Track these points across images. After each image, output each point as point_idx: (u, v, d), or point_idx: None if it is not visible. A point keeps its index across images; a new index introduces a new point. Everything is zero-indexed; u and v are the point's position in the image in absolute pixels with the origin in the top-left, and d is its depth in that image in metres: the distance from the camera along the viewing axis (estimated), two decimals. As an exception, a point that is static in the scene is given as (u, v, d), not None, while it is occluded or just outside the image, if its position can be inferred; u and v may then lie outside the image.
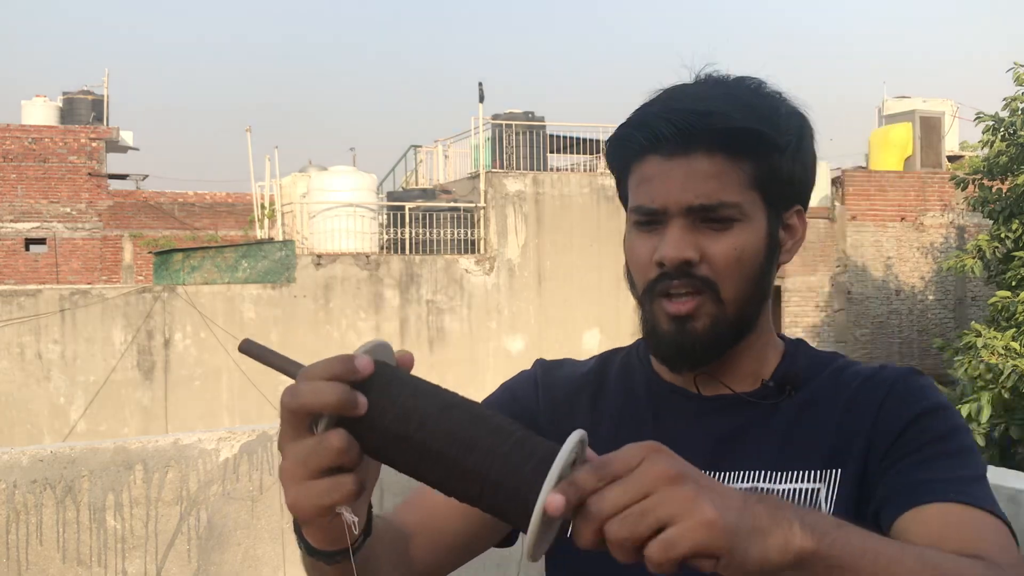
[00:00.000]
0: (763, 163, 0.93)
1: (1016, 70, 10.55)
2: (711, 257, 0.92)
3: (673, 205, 0.91)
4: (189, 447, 2.56)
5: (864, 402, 0.95)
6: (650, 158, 0.93)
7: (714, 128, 0.90)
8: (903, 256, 16.97)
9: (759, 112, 0.94)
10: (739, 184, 0.92)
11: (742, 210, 0.92)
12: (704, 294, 0.92)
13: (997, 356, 8.47)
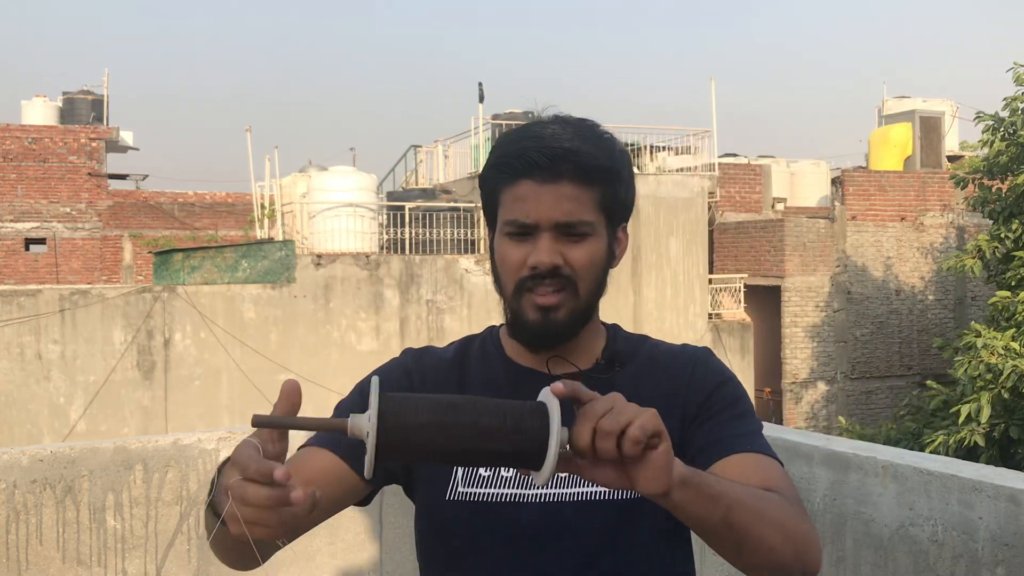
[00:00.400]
0: (608, 190, 1.18)
1: (1016, 70, 10.54)
2: (572, 262, 1.16)
3: (544, 220, 1.15)
4: (189, 447, 2.56)
5: (677, 375, 1.24)
6: (524, 182, 1.15)
7: (578, 162, 1.14)
8: (903, 256, 16.97)
9: (605, 150, 1.18)
10: (591, 206, 1.16)
11: (593, 226, 1.17)
12: (566, 290, 1.17)
13: (997, 356, 8.46)
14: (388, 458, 0.89)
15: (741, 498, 1.02)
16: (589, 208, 1.16)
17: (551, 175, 1.14)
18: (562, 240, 1.16)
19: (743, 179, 18.38)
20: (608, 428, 0.89)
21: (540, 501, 1.17)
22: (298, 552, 2.66)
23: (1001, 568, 1.82)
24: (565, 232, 1.15)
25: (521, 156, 1.15)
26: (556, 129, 1.17)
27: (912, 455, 2.11)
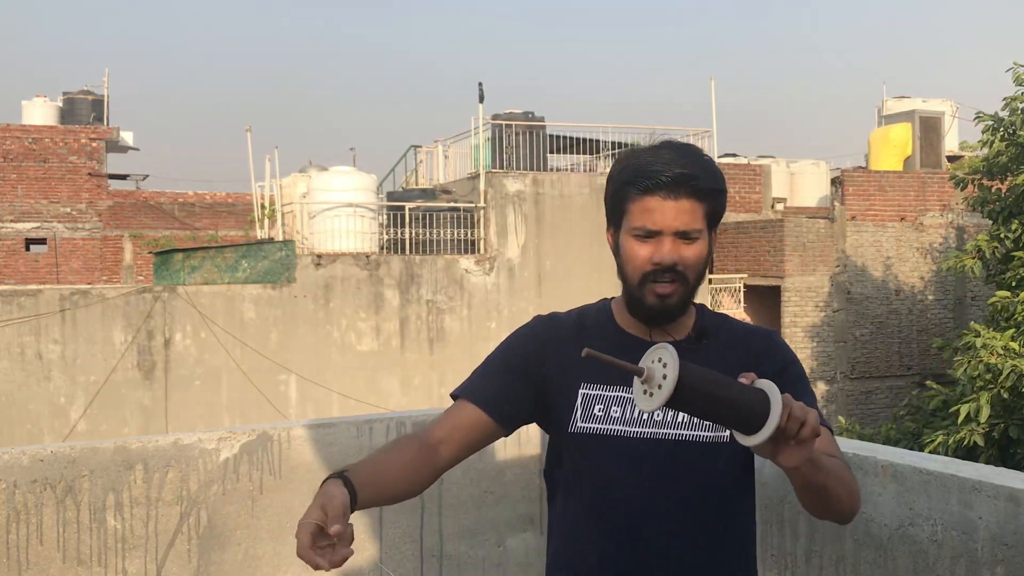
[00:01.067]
0: (713, 205, 1.52)
1: (1016, 70, 10.53)
2: (685, 260, 1.50)
3: (667, 228, 1.49)
4: (189, 447, 2.56)
5: (756, 350, 1.58)
6: (652, 197, 1.49)
7: (695, 184, 1.48)
8: (903, 256, 16.97)
9: (712, 173, 1.51)
10: (701, 218, 1.50)
11: (701, 232, 1.51)
12: (679, 282, 1.52)
13: (996, 356, 8.46)
14: (670, 406, 1.22)
15: (833, 470, 1.40)
16: (699, 218, 1.50)
17: (674, 193, 1.48)
18: (678, 243, 1.50)
19: (743, 179, 18.38)
20: (799, 416, 1.24)
21: (640, 437, 1.53)
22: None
23: (1001, 568, 1.82)
24: (681, 237, 1.50)
25: (652, 176, 1.48)
26: (673, 155, 1.50)
27: (912, 455, 2.11)
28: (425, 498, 2.80)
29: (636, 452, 1.51)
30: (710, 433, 1.51)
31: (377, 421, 2.80)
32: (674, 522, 1.51)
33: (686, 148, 1.52)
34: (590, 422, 1.54)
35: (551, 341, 1.61)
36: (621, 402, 1.53)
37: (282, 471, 2.64)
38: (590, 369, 1.50)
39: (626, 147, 17.79)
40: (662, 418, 1.51)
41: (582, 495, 1.56)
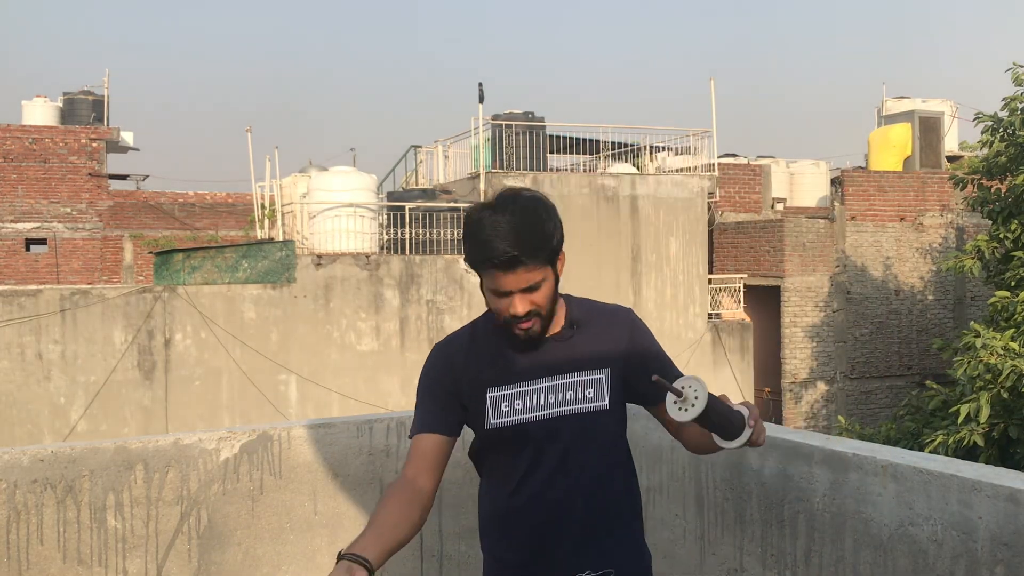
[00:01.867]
0: (545, 255, 1.82)
1: (1015, 70, 10.53)
2: (536, 303, 1.84)
3: (513, 288, 1.81)
4: (189, 447, 2.56)
5: (620, 323, 1.99)
6: (492, 270, 1.80)
7: (524, 259, 1.79)
8: (902, 256, 16.97)
9: (536, 241, 1.80)
10: (540, 270, 1.82)
11: (542, 280, 1.83)
12: (536, 317, 1.85)
13: (996, 356, 8.46)
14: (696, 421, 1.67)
15: None
16: (538, 271, 1.82)
17: (510, 268, 1.79)
18: (525, 295, 1.83)
19: (743, 179, 18.39)
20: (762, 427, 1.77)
21: (540, 419, 1.90)
22: (298, 551, 2.66)
23: (1000, 568, 1.82)
24: (526, 291, 1.82)
25: (489, 260, 1.79)
26: (506, 230, 1.78)
27: (911, 455, 2.11)
28: (425, 498, 2.81)
29: (539, 431, 1.89)
30: (593, 405, 1.91)
31: (377, 421, 2.81)
32: (575, 482, 1.90)
33: (517, 215, 1.80)
34: (500, 418, 1.91)
35: (453, 363, 1.95)
36: (520, 396, 1.91)
37: (282, 471, 2.64)
38: (492, 376, 1.91)
39: (626, 147, 17.84)
40: (552, 400, 1.90)
41: (502, 471, 1.95)
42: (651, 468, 2.81)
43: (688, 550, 2.66)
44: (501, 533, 1.96)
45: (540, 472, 1.90)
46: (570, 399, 1.90)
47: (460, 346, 1.96)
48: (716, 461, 2.55)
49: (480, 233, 1.80)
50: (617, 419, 1.95)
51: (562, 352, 1.91)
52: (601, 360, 1.92)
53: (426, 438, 1.91)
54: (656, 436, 2.76)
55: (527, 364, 1.90)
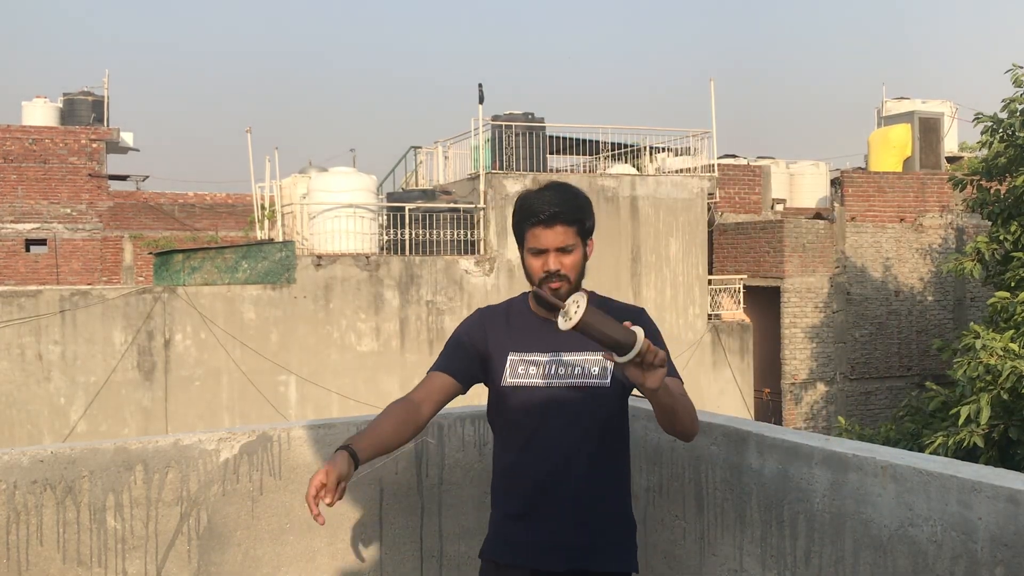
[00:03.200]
0: (581, 226, 2.20)
1: (1015, 71, 10.53)
2: (565, 266, 2.18)
3: (550, 246, 2.18)
4: (189, 447, 2.56)
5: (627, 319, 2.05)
6: (537, 227, 2.18)
7: (563, 217, 2.17)
8: (902, 257, 16.98)
9: (576, 205, 2.19)
10: (574, 236, 2.19)
11: (575, 246, 2.19)
12: (564, 281, 2.17)
13: (996, 357, 8.46)
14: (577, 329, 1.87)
15: (679, 398, 2.11)
16: (573, 237, 2.18)
17: (551, 224, 2.17)
18: (559, 254, 2.18)
19: (742, 180, 18.39)
20: (653, 349, 1.88)
21: (549, 387, 2.22)
22: (298, 552, 2.66)
23: (1000, 568, 1.82)
24: (560, 251, 2.17)
25: (535, 214, 2.17)
26: (551, 196, 2.18)
27: (911, 455, 2.11)
28: (425, 499, 2.81)
29: (547, 397, 2.20)
30: (596, 381, 2.20)
31: (377, 422, 2.81)
32: (574, 445, 2.19)
33: (561, 189, 2.20)
34: (515, 379, 2.24)
35: (488, 325, 2.31)
36: (536, 364, 2.23)
37: (282, 472, 2.64)
38: (517, 342, 2.25)
39: (626, 148, 17.84)
40: (562, 372, 2.20)
41: (512, 429, 2.25)
42: (651, 468, 2.82)
43: (688, 550, 2.66)
44: (508, 486, 2.26)
45: (544, 433, 2.20)
46: (577, 373, 2.21)
47: (498, 313, 2.34)
48: (716, 462, 2.55)
49: (527, 200, 2.20)
50: (618, 397, 2.24)
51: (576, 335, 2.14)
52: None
53: (441, 376, 2.25)
54: (656, 436, 2.76)
55: (546, 339, 2.23)
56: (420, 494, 2.80)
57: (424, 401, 2.21)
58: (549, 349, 2.22)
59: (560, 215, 2.15)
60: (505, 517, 2.26)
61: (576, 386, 2.20)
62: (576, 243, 2.18)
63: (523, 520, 2.21)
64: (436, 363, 2.30)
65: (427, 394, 2.23)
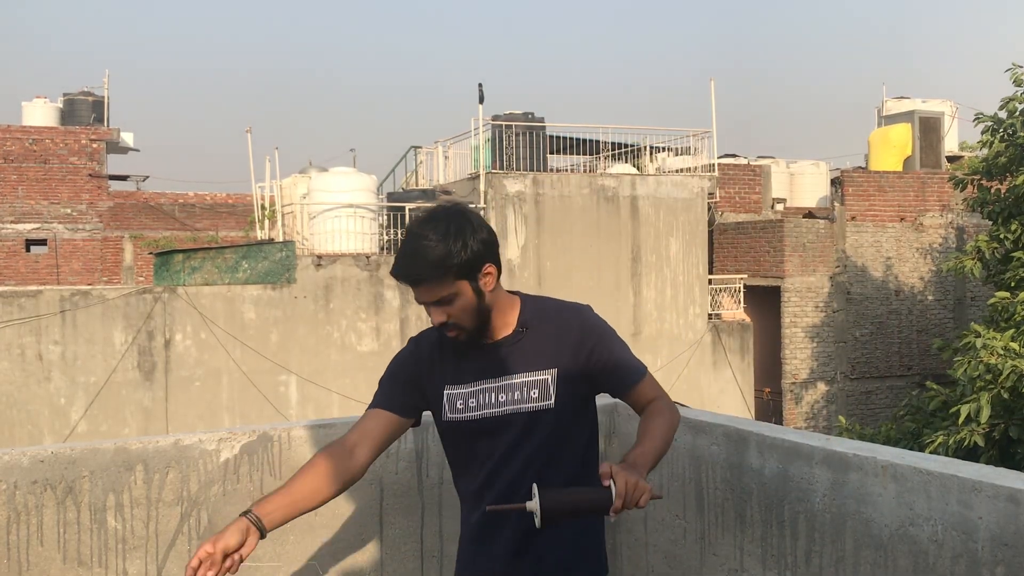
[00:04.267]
0: (452, 270, 1.95)
1: (1015, 71, 10.53)
2: (452, 315, 2.00)
3: (425, 301, 2.00)
4: (190, 448, 2.56)
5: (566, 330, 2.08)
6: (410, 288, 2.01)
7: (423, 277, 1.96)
8: (902, 256, 16.97)
9: (430, 260, 1.94)
10: (448, 286, 1.97)
11: (455, 294, 1.98)
12: (457, 327, 2.02)
13: (996, 356, 8.45)
14: (546, 523, 1.83)
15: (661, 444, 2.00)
16: (446, 286, 1.96)
17: (416, 284, 1.98)
18: (439, 307, 1.99)
19: (743, 180, 18.39)
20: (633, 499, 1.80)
21: (488, 417, 2.06)
22: (298, 552, 2.67)
23: (1001, 568, 1.82)
24: (439, 303, 1.99)
25: (398, 278, 2.00)
26: (404, 251, 1.98)
27: (912, 455, 2.11)
28: (425, 499, 2.81)
29: (486, 429, 2.06)
30: (536, 405, 2.04)
31: (377, 422, 2.81)
32: (517, 471, 2.04)
33: (411, 246, 1.98)
34: (454, 414, 2.09)
35: (421, 356, 2.15)
36: (474, 395, 2.07)
37: (282, 472, 2.64)
38: (450, 374, 2.10)
39: (626, 148, 17.84)
40: (502, 399, 2.05)
41: (458, 463, 2.16)
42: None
43: (688, 550, 2.66)
44: (465, 515, 2.17)
45: (490, 463, 2.07)
46: (517, 398, 2.05)
47: (430, 343, 2.16)
48: (716, 461, 2.55)
49: (399, 249, 2.03)
50: (566, 416, 2.06)
51: (512, 354, 2.06)
52: (547, 361, 2.06)
53: (379, 413, 2.11)
54: (656, 436, 2.76)
55: (481, 365, 2.07)
56: (420, 494, 2.80)
57: (359, 444, 2.05)
58: (485, 376, 2.06)
59: (415, 280, 1.98)
60: (464, 542, 2.19)
61: (515, 412, 2.05)
62: (454, 291, 1.97)
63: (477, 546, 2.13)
64: (373, 400, 2.15)
65: (362, 436, 2.07)
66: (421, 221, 2.03)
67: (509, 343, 2.07)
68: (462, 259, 1.96)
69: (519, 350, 2.07)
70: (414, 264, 1.97)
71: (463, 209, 2.05)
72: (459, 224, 1.99)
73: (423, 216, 2.05)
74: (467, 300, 2.00)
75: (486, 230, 2.03)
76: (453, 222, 1.99)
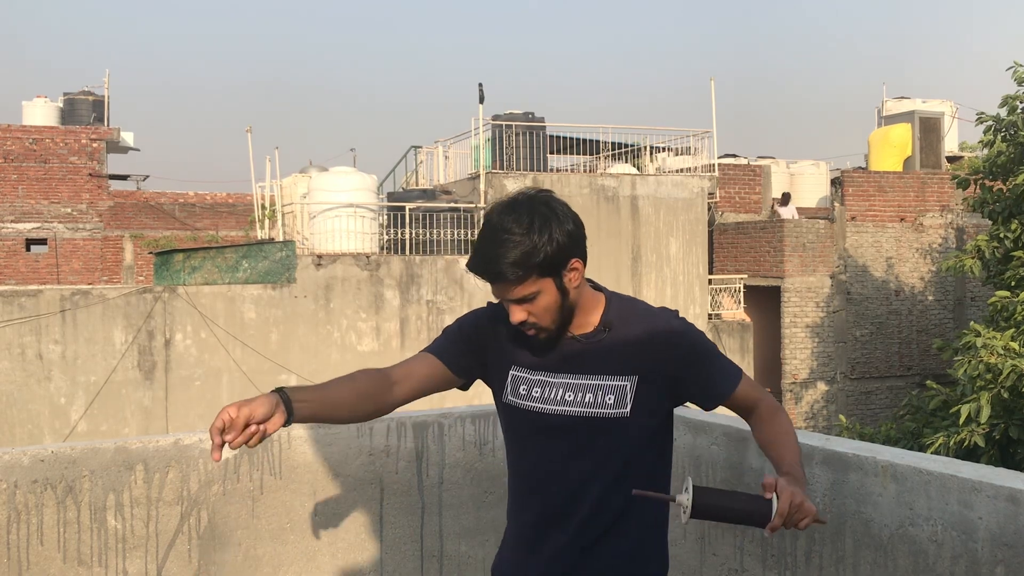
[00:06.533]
0: (536, 267, 1.78)
1: (1016, 70, 10.53)
2: (533, 314, 1.84)
3: (505, 299, 1.85)
4: (190, 447, 2.57)
5: (656, 328, 1.90)
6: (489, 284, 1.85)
7: (505, 274, 1.79)
8: (903, 256, 16.97)
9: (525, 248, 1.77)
10: (526, 280, 1.80)
11: (536, 292, 1.81)
12: (536, 326, 1.86)
13: (996, 356, 8.45)
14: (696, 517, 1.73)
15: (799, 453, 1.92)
16: (528, 284, 1.80)
17: (495, 280, 1.81)
18: (521, 306, 1.83)
19: (743, 180, 18.39)
20: (797, 519, 1.71)
21: (552, 413, 1.89)
22: (299, 552, 2.67)
23: (1000, 568, 1.82)
24: (519, 301, 1.83)
25: (473, 272, 1.84)
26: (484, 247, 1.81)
27: (912, 455, 2.11)
28: (425, 499, 2.81)
29: (550, 425, 1.89)
30: (611, 412, 1.86)
31: (377, 421, 2.81)
32: (580, 483, 1.88)
33: (494, 241, 1.80)
34: (516, 398, 1.94)
35: (497, 326, 1.98)
36: (541, 384, 1.91)
37: (283, 471, 2.64)
38: (520, 356, 1.94)
39: (626, 148, 17.84)
40: (571, 398, 1.88)
41: (517, 451, 1.99)
42: (651, 468, 2.81)
43: (688, 550, 2.66)
44: (515, 509, 2.01)
45: (548, 464, 1.90)
46: (589, 401, 1.87)
47: (505, 315, 1.94)
48: (716, 461, 2.55)
49: (478, 241, 1.85)
50: (641, 427, 1.88)
51: (590, 353, 1.89)
52: (629, 366, 1.87)
53: (430, 360, 1.98)
54: (656, 436, 2.76)
55: (554, 357, 1.90)
56: (420, 494, 2.80)
57: (400, 381, 1.92)
58: (557, 369, 1.90)
59: (494, 277, 1.81)
60: (512, 540, 2.01)
61: (585, 416, 1.86)
62: (536, 289, 1.81)
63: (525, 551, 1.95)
64: (430, 345, 2.00)
65: (406, 374, 1.94)
66: (502, 210, 1.83)
67: (589, 340, 1.90)
68: (547, 254, 1.79)
69: (599, 350, 1.89)
70: (495, 260, 1.79)
71: (547, 197, 1.85)
72: (544, 215, 1.80)
73: (504, 204, 1.84)
74: (550, 299, 1.83)
75: (571, 220, 1.84)
76: (538, 213, 1.80)
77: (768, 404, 1.97)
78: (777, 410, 1.97)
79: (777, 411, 1.96)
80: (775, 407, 1.97)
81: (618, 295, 1.97)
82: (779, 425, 1.93)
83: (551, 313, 1.84)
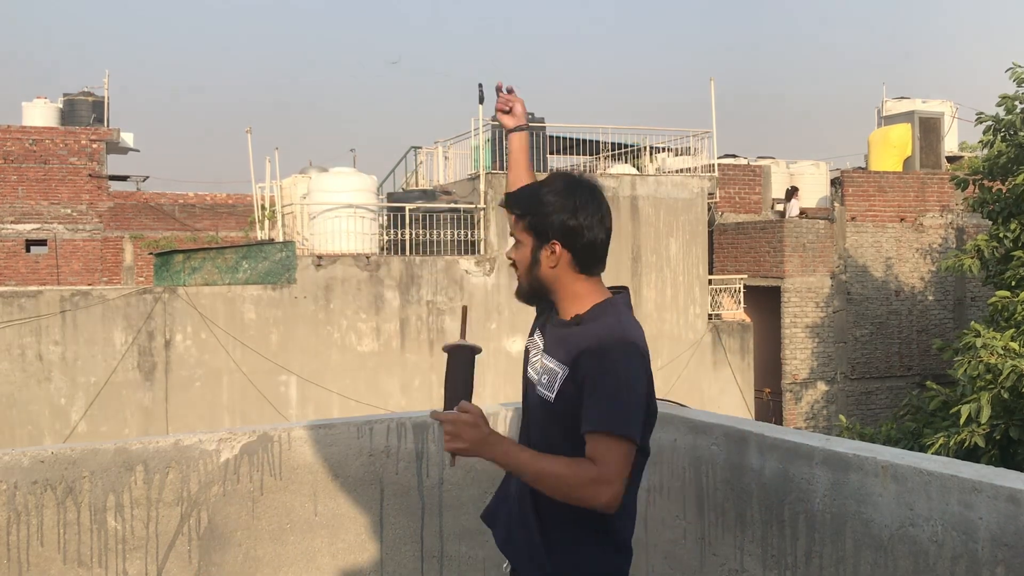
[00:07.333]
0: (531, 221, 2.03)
1: (1015, 70, 10.53)
2: (513, 257, 2.11)
3: (511, 230, 2.10)
4: (190, 448, 2.56)
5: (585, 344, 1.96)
6: None
7: (510, 204, 2.09)
8: (902, 256, 16.97)
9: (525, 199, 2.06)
10: (521, 230, 2.05)
11: (523, 243, 2.05)
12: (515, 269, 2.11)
13: (996, 356, 8.45)
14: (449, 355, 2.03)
15: (536, 468, 1.89)
16: (519, 230, 2.05)
17: (509, 209, 2.08)
18: (515, 246, 2.09)
19: (743, 180, 18.38)
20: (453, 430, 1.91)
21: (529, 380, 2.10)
22: (299, 552, 2.66)
23: (1001, 568, 1.82)
24: (515, 239, 2.09)
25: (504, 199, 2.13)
26: (543, 181, 2.09)
27: (912, 455, 2.11)
28: (425, 499, 2.81)
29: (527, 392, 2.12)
30: (545, 392, 2.00)
31: (377, 422, 2.80)
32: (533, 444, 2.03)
33: (540, 182, 2.10)
34: (525, 359, 2.17)
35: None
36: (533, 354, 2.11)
37: (282, 472, 2.64)
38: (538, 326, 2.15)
39: (626, 148, 17.84)
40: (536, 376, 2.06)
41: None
42: (651, 468, 2.81)
43: (688, 550, 2.66)
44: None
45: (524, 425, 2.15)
46: (543, 382, 2.04)
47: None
48: (717, 462, 2.55)
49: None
50: (557, 416, 1.96)
51: (557, 337, 2.06)
52: (568, 357, 1.97)
53: None
54: (656, 436, 2.76)
55: (547, 333, 2.11)
56: (420, 494, 2.80)
57: None
58: (544, 345, 2.07)
59: (509, 204, 2.08)
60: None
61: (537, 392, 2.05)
62: (523, 239, 2.04)
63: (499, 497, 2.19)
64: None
65: None
66: (565, 174, 2.10)
67: (564, 327, 2.05)
68: (539, 217, 2.01)
69: (562, 336, 2.03)
70: (520, 193, 2.09)
71: (592, 189, 2.06)
72: (571, 197, 2.02)
73: (577, 175, 2.11)
74: (525, 254, 2.05)
75: (583, 217, 2.01)
76: (575, 193, 2.03)
77: (594, 467, 1.84)
78: (587, 473, 1.84)
79: (586, 472, 1.84)
80: (594, 476, 1.83)
81: (613, 304, 2.06)
82: (563, 463, 1.87)
83: (523, 268, 2.06)
